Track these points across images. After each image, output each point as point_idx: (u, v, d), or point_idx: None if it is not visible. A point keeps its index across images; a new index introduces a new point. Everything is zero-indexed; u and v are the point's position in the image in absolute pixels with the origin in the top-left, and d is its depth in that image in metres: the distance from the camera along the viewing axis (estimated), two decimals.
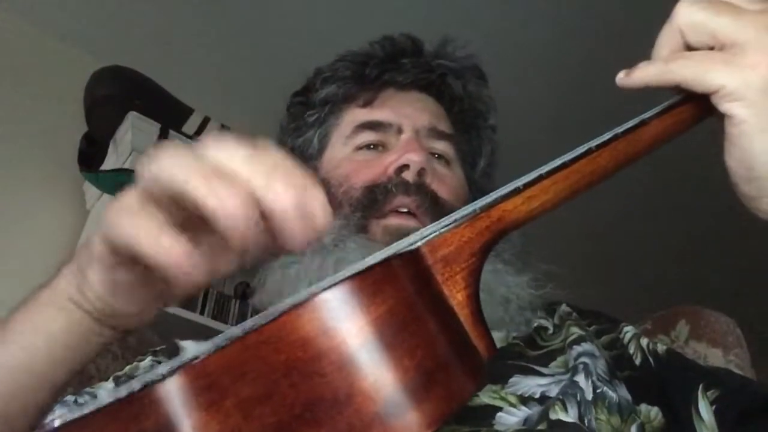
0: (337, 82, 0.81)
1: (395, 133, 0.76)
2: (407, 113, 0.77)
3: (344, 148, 0.77)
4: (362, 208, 0.69)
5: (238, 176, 0.30)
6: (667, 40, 0.42)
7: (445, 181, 0.75)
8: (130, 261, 0.33)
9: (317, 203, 0.31)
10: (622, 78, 0.43)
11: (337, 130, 0.80)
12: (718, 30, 0.39)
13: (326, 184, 0.73)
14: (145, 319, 0.40)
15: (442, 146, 0.78)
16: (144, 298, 0.38)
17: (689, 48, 0.42)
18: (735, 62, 0.38)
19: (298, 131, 0.83)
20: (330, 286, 0.28)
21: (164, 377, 0.29)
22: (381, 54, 0.82)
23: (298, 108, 0.85)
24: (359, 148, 0.76)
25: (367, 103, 0.79)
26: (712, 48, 0.40)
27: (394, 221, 0.68)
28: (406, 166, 0.71)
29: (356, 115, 0.79)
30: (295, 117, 0.85)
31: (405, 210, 0.69)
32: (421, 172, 0.71)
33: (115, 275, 0.36)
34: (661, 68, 0.41)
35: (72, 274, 0.40)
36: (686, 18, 0.41)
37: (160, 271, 0.30)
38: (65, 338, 0.40)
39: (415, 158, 0.71)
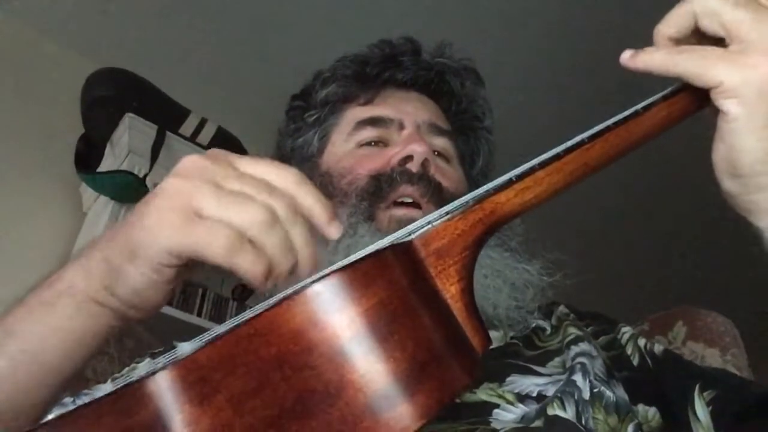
0: (337, 82, 0.81)
1: (397, 129, 0.76)
2: (408, 110, 0.78)
3: (346, 144, 0.77)
4: (368, 196, 0.69)
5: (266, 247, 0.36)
6: (678, 19, 0.42)
7: (447, 174, 0.75)
8: (191, 262, 0.38)
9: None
10: (627, 58, 0.42)
11: (338, 129, 0.80)
12: (732, 23, 0.39)
13: (329, 177, 0.74)
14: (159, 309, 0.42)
15: (442, 143, 0.79)
16: (171, 289, 0.40)
17: (698, 32, 0.42)
18: (738, 60, 0.38)
19: (298, 132, 0.83)
20: (321, 278, 0.28)
21: (156, 371, 0.29)
22: (380, 55, 0.82)
23: (297, 111, 0.85)
24: (361, 144, 0.76)
25: (367, 102, 0.79)
26: (720, 38, 0.40)
27: (399, 212, 0.69)
28: (410, 157, 0.71)
29: (357, 113, 0.79)
30: (294, 119, 0.85)
31: (409, 200, 0.69)
32: (424, 163, 0.71)
33: (164, 273, 0.38)
34: (665, 57, 0.41)
35: (92, 273, 0.40)
36: (704, 3, 0.41)
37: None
38: (81, 335, 0.40)
39: (418, 149, 0.71)
